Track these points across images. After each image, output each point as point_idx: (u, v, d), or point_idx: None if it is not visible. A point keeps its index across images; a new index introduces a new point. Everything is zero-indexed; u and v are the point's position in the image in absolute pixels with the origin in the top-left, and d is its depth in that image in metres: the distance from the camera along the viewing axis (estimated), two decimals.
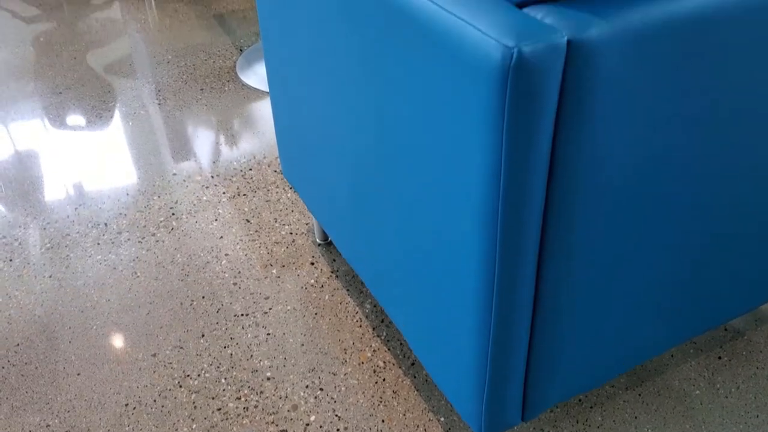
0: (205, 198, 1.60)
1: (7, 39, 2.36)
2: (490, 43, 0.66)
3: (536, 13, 0.70)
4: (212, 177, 1.67)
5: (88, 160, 1.76)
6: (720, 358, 1.20)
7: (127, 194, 1.63)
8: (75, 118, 1.92)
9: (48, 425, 1.12)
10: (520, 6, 0.72)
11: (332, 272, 1.39)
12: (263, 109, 1.93)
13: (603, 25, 0.68)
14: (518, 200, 0.74)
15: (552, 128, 0.71)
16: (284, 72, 1.23)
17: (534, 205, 0.75)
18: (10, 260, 1.46)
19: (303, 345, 1.24)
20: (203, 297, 1.35)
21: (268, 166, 1.71)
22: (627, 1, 0.71)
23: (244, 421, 1.11)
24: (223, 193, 1.62)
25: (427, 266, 0.92)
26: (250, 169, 1.69)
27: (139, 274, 1.41)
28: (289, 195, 1.60)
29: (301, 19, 1.08)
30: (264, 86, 2.03)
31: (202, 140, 1.81)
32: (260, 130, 1.84)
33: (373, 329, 1.26)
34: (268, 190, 1.62)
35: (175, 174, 1.69)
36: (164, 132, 1.85)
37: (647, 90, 0.74)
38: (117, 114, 1.93)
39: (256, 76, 2.08)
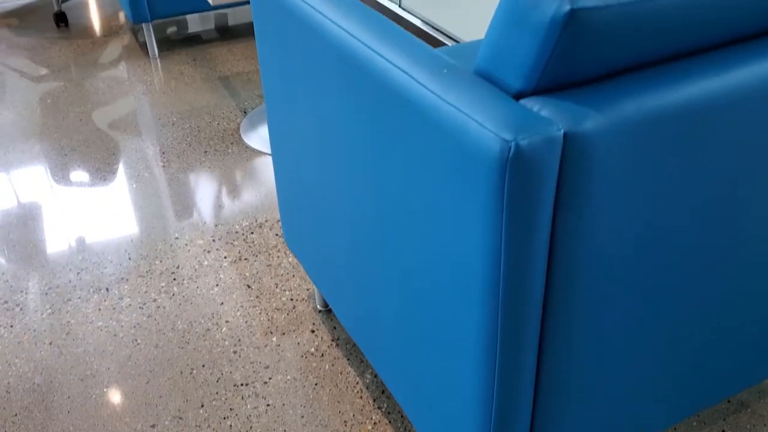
0: (206, 263, 1.61)
1: (15, 100, 2.40)
2: (489, 136, 0.68)
3: (533, 104, 0.72)
4: (214, 240, 1.68)
5: (91, 223, 1.77)
6: (723, 431, 1.18)
7: (130, 258, 1.64)
8: (80, 181, 1.95)
9: None
10: (517, 97, 0.74)
11: (333, 340, 1.38)
12: (266, 171, 1.96)
13: (598, 117, 0.70)
14: (519, 285, 0.74)
15: (551, 217, 0.72)
16: (287, 140, 1.25)
17: (535, 290, 0.76)
18: (11, 326, 1.46)
19: (303, 417, 1.23)
20: (203, 365, 1.34)
21: (270, 229, 1.72)
22: (621, 93, 0.73)
23: None
24: (225, 257, 1.62)
25: (427, 344, 0.92)
26: (252, 233, 1.71)
27: (139, 341, 1.41)
28: (290, 259, 1.61)
29: (303, 88, 1.11)
30: (267, 148, 2.06)
31: (205, 203, 1.82)
32: (263, 192, 1.86)
33: (374, 400, 1.25)
34: (270, 255, 1.63)
35: (177, 237, 1.70)
36: (168, 194, 1.87)
37: (643, 177, 0.75)
38: (121, 176, 1.96)
39: (260, 139, 2.11)
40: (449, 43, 2.48)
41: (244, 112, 2.27)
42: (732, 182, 0.83)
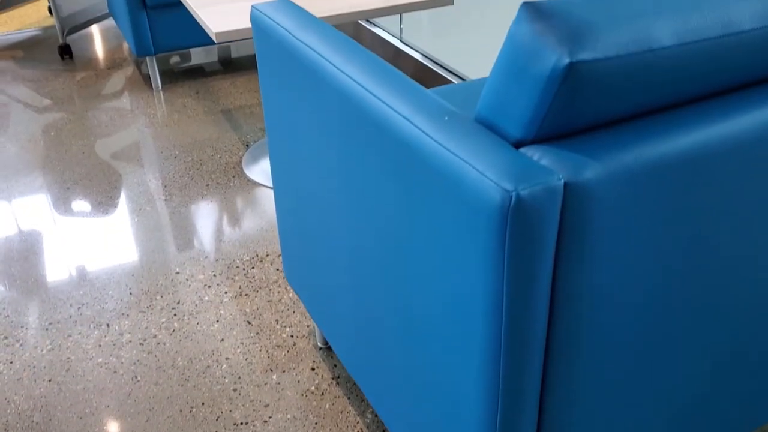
0: (207, 298, 1.61)
1: (18, 132, 2.42)
2: (490, 185, 0.69)
3: (533, 153, 0.73)
4: (215, 275, 1.68)
5: (93, 257, 1.77)
6: None
7: (131, 293, 1.64)
8: (81, 214, 1.95)
9: None
10: (517, 146, 0.75)
11: (333, 378, 1.38)
12: (267, 204, 1.96)
13: (597, 166, 0.71)
14: (521, 332, 0.75)
15: (552, 264, 0.72)
16: (288, 176, 1.26)
17: (536, 336, 0.76)
18: (11, 362, 1.45)
19: None
20: (203, 403, 1.34)
21: (271, 263, 1.72)
22: (620, 141, 0.74)
23: None
24: (225, 292, 1.63)
25: (428, 388, 0.92)
26: (253, 267, 1.71)
27: (139, 378, 1.40)
28: (290, 295, 1.61)
29: (305, 125, 1.12)
30: (269, 181, 2.07)
31: (206, 237, 1.83)
32: (264, 226, 1.87)
33: None
34: (270, 290, 1.63)
35: (178, 272, 1.70)
36: (169, 228, 1.87)
37: (643, 224, 0.76)
38: (123, 210, 1.96)
39: (262, 172, 2.12)
40: (447, 76, 2.50)
41: (246, 145, 2.28)
42: (731, 227, 0.84)
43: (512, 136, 0.75)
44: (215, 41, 1.63)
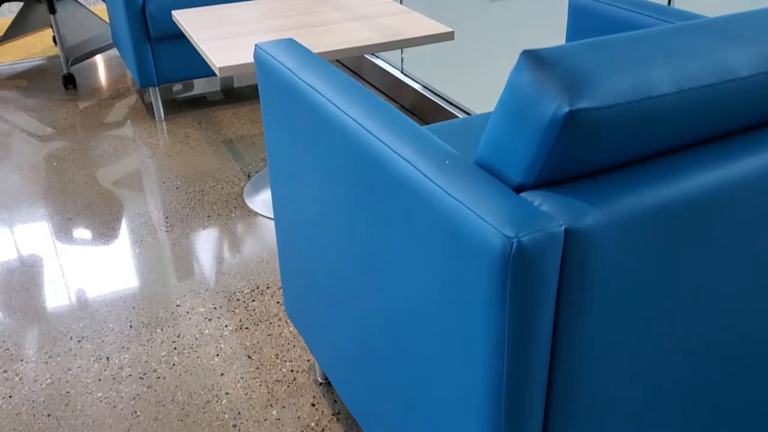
0: (207, 331, 1.61)
1: (21, 162, 2.43)
2: (491, 231, 0.69)
3: (534, 198, 0.73)
4: (215, 308, 1.68)
5: (93, 289, 1.77)
6: None
7: (131, 326, 1.64)
8: (83, 246, 1.96)
9: None
10: (518, 190, 0.76)
11: (333, 414, 1.37)
12: (268, 236, 1.97)
13: (597, 212, 0.71)
14: (522, 375, 0.75)
15: (553, 310, 0.73)
16: (290, 211, 1.27)
17: (537, 380, 0.76)
18: (10, 397, 1.45)
19: None
20: None
21: (272, 296, 1.72)
22: (619, 187, 0.74)
23: None
24: (226, 325, 1.62)
25: (427, 430, 0.92)
26: (253, 300, 1.71)
27: (139, 413, 1.39)
28: (291, 329, 1.61)
29: (307, 161, 1.13)
30: (270, 212, 2.08)
31: (207, 269, 1.83)
32: (264, 257, 1.87)
33: None
34: (271, 323, 1.63)
35: (179, 305, 1.70)
36: (170, 260, 1.87)
37: (643, 269, 0.76)
38: (125, 241, 1.97)
39: (263, 203, 2.13)
40: (447, 107, 2.52)
41: (248, 176, 2.29)
42: (732, 272, 0.84)
43: (513, 180, 0.76)
44: (219, 76, 1.65)
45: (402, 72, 2.83)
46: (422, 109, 2.67)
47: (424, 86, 2.69)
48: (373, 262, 0.97)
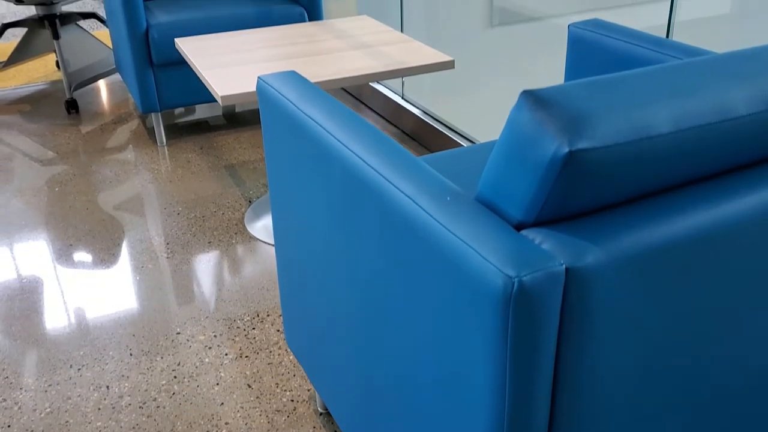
0: (207, 360, 1.60)
1: (23, 187, 2.44)
2: (492, 271, 0.70)
3: (534, 236, 0.74)
4: (215, 336, 1.68)
5: (94, 316, 1.77)
6: None
7: (131, 354, 1.63)
8: (83, 273, 1.96)
9: None
10: (518, 228, 0.76)
11: None
12: (269, 262, 1.97)
13: (598, 251, 0.72)
14: (524, 415, 0.74)
15: (554, 348, 0.73)
16: (290, 242, 1.27)
17: (539, 419, 0.76)
18: (8, 426, 1.44)
19: None
20: None
21: (272, 324, 1.72)
22: (619, 225, 0.75)
23: None
24: (226, 354, 1.62)
25: None
26: (254, 328, 1.71)
27: None
28: (291, 357, 1.60)
29: (308, 192, 1.13)
30: (271, 239, 2.08)
31: (208, 296, 1.83)
32: (265, 285, 1.87)
33: None
34: (271, 352, 1.62)
35: (179, 333, 1.70)
36: (171, 287, 1.87)
37: (643, 306, 0.77)
38: (125, 267, 1.97)
39: (264, 229, 2.14)
40: (447, 132, 2.54)
41: (249, 201, 2.30)
42: (732, 309, 0.84)
43: (514, 218, 0.76)
44: (221, 104, 1.66)
45: (402, 97, 2.85)
46: (422, 134, 2.68)
47: (424, 112, 2.71)
48: (373, 295, 0.97)
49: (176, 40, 2.12)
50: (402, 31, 2.90)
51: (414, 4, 2.83)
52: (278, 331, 1.69)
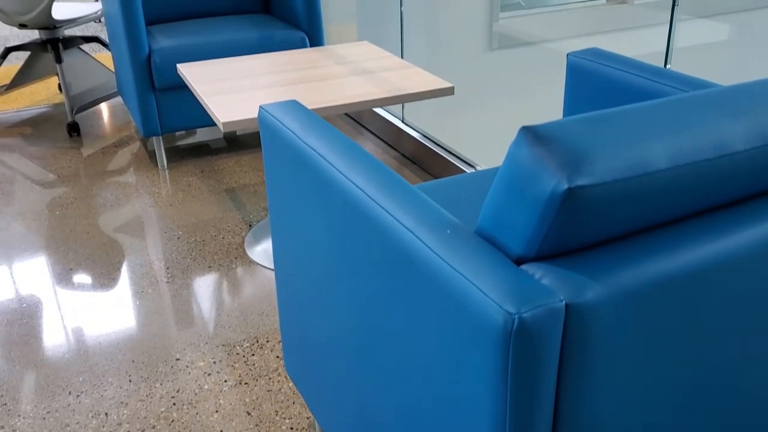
0: (206, 386, 1.60)
1: (24, 210, 2.45)
2: (492, 307, 0.70)
3: (534, 271, 0.74)
4: (215, 362, 1.68)
5: (93, 342, 1.77)
6: None
7: (130, 381, 1.63)
8: (84, 297, 1.96)
9: None
10: (518, 262, 0.76)
11: None
12: (269, 288, 1.97)
13: (597, 287, 0.72)
14: None
15: (555, 383, 0.73)
16: (291, 269, 1.27)
17: None
18: None
19: None
20: None
21: (271, 350, 1.71)
22: (619, 260, 0.75)
23: None
24: (225, 381, 1.61)
25: None
26: (253, 354, 1.70)
27: None
28: (290, 384, 1.60)
29: (309, 220, 1.14)
30: (270, 263, 2.09)
31: (207, 322, 1.83)
32: (264, 310, 1.87)
33: None
34: (270, 378, 1.62)
35: (178, 359, 1.69)
36: (171, 312, 1.87)
37: (642, 340, 0.77)
38: (126, 292, 1.97)
39: (264, 253, 2.14)
40: (447, 156, 2.55)
41: (249, 225, 2.30)
42: (731, 340, 0.84)
43: (514, 252, 0.77)
44: (222, 130, 1.68)
45: (403, 121, 2.87)
46: (423, 158, 2.69)
47: (424, 135, 2.72)
48: (373, 325, 0.97)
49: (178, 65, 2.14)
50: (402, 54, 2.92)
51: (414, 28, 2.86)
52: (278, 357, 1.69)
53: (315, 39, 2.75)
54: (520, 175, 0.74)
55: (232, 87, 1.91)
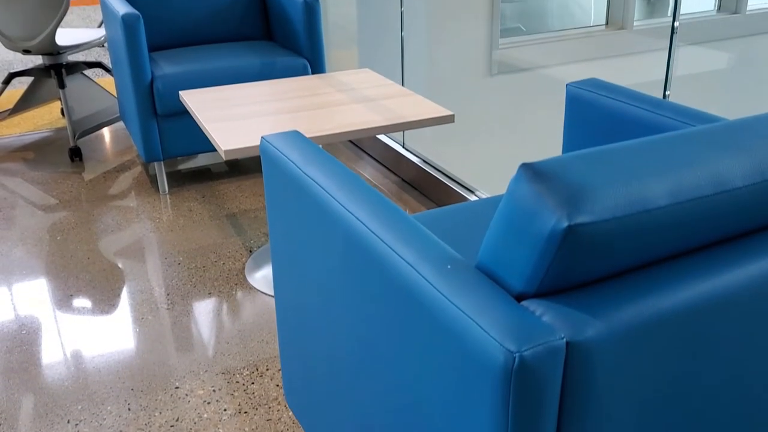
0: (206, 415, 1.59)
1: (25, 236, 2.45)
2: (493, 345, 0.70)
3: (535, 308, 0.74)
4: (214, 391, 1.67)
5: (92, 369, 1.76)
6: None
7: (129, 409, 1.62)
8: (83, 324, 1.95)
9: None
10: (519, 298, 0.76)
11: None
12: (269, 315, 1.97)
13: (598, 324, 0.72)
14: None
15: (556, 421, 0.72)
16: (291, 298, 1.27)
17: None
18: None
19: None
20: None
21: (271, 379, 1.71)
22: (619, 297, 0.75)
23: None
24: (225, 410, 1.61)
25: None
26: (253, 383, 1.69)
27: None
28: (290, 414, 1.59)
29: (309, 251, 1.14)
30: (271, 290, 2.08)
31: (207, 349, 1.82)
32: (264, 338, 1.86)
33: None
34: (270, 408, 1.61)
35: (178, 387, 1.69)
36: (171, 339, 1.87)
37: (643, 377, 0.76)
38: (126, 319, 1.96)
39: (264, 279, 2.14)
40: (447, 182, 2.56)
41: (250, 251, 2.30)
42: (732, 375, 0.84)
43: (514, 288, 0.77)
44: (224, 158, 1.68)
45: (403, 146, 2.88)
46: (423, 183, 2.70)
47: (424, 161, 2.73)
48: (373, 359, 0.97)
49: (181, 93, 2.15)
50: (403, 79, 2.94)
51: (415, 54, 2.88)
52: (277, 385, 1.68)
53: (317, 66, 2.77)
54: (520, 211, 0.74)
55: (233, 114, 1.93)
